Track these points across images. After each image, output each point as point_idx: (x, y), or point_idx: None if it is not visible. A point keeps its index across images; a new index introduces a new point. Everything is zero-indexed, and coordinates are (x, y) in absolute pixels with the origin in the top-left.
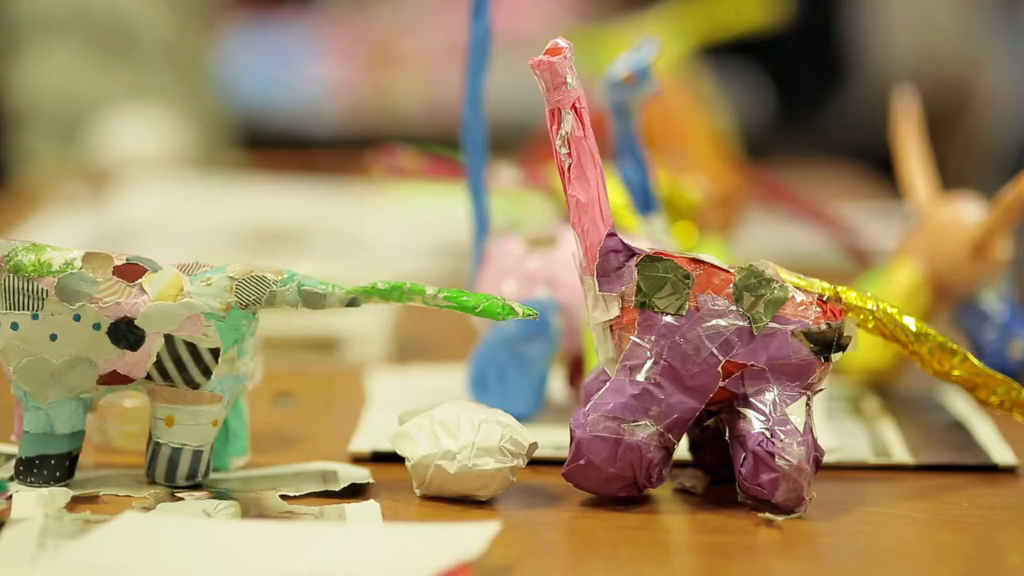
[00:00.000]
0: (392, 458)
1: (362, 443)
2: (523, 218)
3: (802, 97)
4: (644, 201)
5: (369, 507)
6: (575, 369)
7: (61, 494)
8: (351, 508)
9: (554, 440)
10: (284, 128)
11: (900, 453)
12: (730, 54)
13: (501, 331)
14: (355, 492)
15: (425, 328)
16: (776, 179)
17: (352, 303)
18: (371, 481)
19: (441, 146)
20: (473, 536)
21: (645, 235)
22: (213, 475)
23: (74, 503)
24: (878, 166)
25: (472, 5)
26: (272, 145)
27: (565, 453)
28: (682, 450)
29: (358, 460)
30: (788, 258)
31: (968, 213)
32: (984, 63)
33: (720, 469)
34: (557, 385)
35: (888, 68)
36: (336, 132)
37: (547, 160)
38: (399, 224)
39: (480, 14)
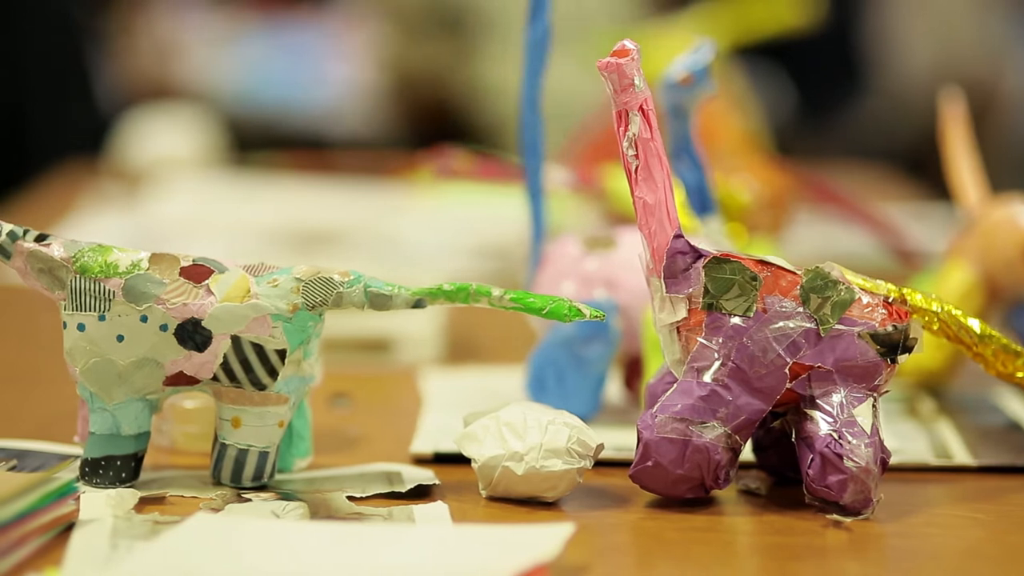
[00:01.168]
0: (455, 459)
1: (423, 444)
2: (566, 219)
3: (822, 99)
4: (701, 202)
5: (437, 508)
6: (632, 371)
7: (129, 495)
8: (419, 509)
9: (613, 441)
10: (303, 130)
11: (960, 455)
12: (749, 55)
13: (560, 332)
14: (421, 493)
15: (475, 329)
16: (823, 180)
17: (418, 304)
18: (437, 482)
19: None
20: (549, 537)
21: (702, 236)
22: (277, 476)
23: (142, 504)
24: (897, 168)
25: (530, 6)
26: (290, 146)
27: (625, 454)
28: (745, 451)
29: (420, 461)
30: (834, 259)
31: (1021, 215)
32: (1005, 66)
33: (784, 471)
34: (612, 386)
35: (908, 71)
36: (356, 133)
37: (592, 160)
38: (438, 225)
39: (538, 15)
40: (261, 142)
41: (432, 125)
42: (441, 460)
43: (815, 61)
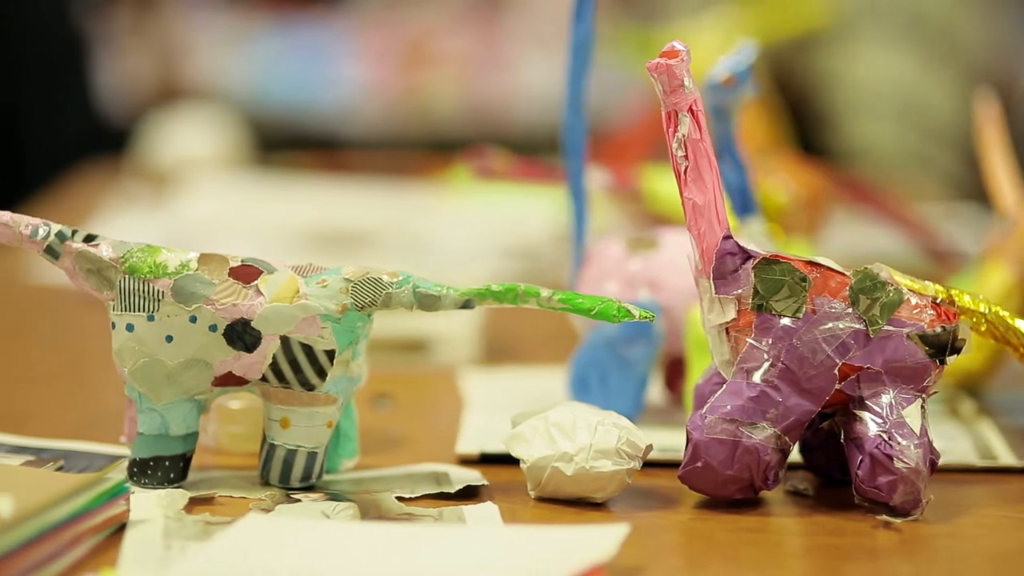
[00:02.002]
0: (500, 459)
1: (469, 445)
2: (602, 220)
3: None
4: (743, 203)
5: (487, 509)
6: (673, 371)
7: (179, 495)
8: (470, 510)
9: (656, 442)
10: (318, 130)
11: (1005, 456)
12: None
13: (603, 333)
14: (469, 494)
15: (511, 329)
16: (859, 181)
17: (467, 305)
18: (485, 483)
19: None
20: (605, 538)
21: (744, 237)
22: (325, 477)
23: (191, 504)
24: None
25: (574, 7)
26: (305, 146)
27: (669, 455)
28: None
29: (466, 462)
30: (871, 260)
31: None
32: (1021, 65)
33: (832, 471)
34: (653, 387)
35: None
36: (371, 134)
37: (616, 161)
38: (466, 226)
39: (582, 16)
40: (275, 142)
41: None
42: (487, 460)
43: None
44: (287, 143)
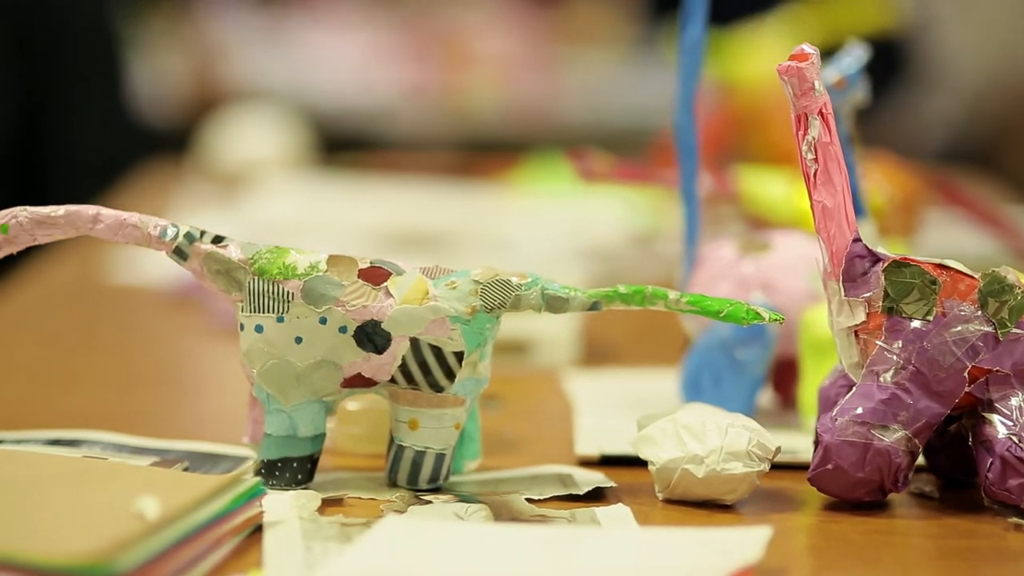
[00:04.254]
0: (621, 461)
1: (587, 446)
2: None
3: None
4: (853, 205)
5: (619, 510)
6: (781, 374)
7: (312, 497)
8: (602, 512)
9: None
10: (359, 132)
11: None
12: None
13: (716, 335)
14: (597, 495)
15: (609, 332)
16: (953, 183)
17: (594, 307)
18: (612, 484)
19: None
20: (749, 540)
21: None
22: (451, 478)
23: (323, 506)
24: (959, 168)
25: (685, 8)
26: (349, 148)
27: (788, 457)
28: None
29: (586, 463)
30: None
31: None
32: None
33: (955, 473)
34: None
35: (963, 75)
36: (412, 135)
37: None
38: (539, 227)
39: (694, 17)
40: (316, 143)
41: None
42: (607, 462)
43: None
44: (328, 144)
